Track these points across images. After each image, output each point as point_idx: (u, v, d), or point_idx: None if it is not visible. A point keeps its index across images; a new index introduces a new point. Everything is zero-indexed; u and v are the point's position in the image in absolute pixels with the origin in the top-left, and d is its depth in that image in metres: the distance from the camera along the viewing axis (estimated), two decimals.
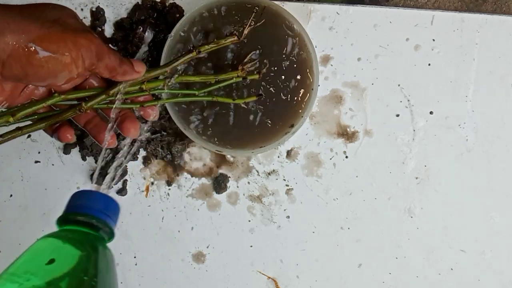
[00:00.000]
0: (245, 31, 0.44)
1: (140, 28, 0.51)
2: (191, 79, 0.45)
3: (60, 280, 0.31)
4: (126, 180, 0.54)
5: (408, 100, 0.54)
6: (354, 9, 0.53)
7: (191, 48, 0.44)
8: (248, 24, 0.44)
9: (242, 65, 0.46)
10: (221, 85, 0.46)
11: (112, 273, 0.35)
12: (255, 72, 0.47)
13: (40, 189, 0.55)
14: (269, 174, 0.54)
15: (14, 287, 0.30)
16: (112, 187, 0.44)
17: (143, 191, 0.54)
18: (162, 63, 0.48)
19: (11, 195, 0.55)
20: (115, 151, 0.53)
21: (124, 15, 0.53)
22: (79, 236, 0.35)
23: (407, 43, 0.53)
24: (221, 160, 0.54)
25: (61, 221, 0.37)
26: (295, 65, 0.48)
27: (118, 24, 0.53)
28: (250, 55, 0.47)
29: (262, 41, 0.48)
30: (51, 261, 0.32)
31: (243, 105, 0.48)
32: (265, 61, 0.48)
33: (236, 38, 0.44)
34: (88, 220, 0.37)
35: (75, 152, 0.54)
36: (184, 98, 0.46)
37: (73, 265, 0.33)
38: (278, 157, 0.54)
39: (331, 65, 0.54)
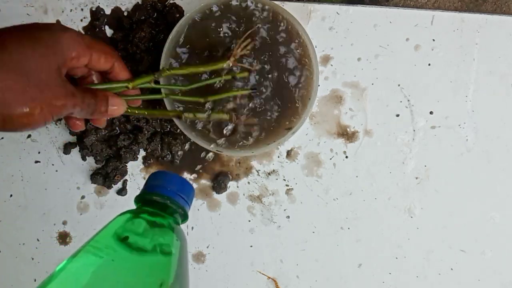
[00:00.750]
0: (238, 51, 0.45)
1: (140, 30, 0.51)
2: (179, 72, 0.45)
3: (137, 255, 0.34)
4: (126, 180, 0.54)
5: (408, 100, 0.54)
6: (354, 9, 0.53)
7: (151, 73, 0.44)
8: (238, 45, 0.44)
9: (233, 54, 0.45)
10: (212, 81, 0.46)
11: (184, 253, 0.37)
12: (247, 68, 0.46)
13: (40, 189, 0.55)
14: (269, 174, 0.54)
15: (97, 260, 0.32)
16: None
17: None
18: (161, 63, 0.48)
19: (11, 195, 0.55)
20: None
21: (124, 15, 0.53)
22: (153, 214, 0.37)
23: (407, 43, 0.53)
24: (221, 160, 0.54)
25: (138, 199, 0.39)
26: (295, 65, 0.48)
27: (118, 24, 0.53)
28: (241, 42, 0.45)
29: (262, 41, 0.48)
30: (125, 238, 0.34)
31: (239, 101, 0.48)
32: (263, 57, 0.48)
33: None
34: (162, 201, 0.38)
35: (75, 152, 0.54)
36: (173, 96, 0.47)
37: (148, 242, 0.35)
38: (278, 157, 0.54)
39: (331, 65, 0.54)
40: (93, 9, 0.53)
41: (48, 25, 0.39)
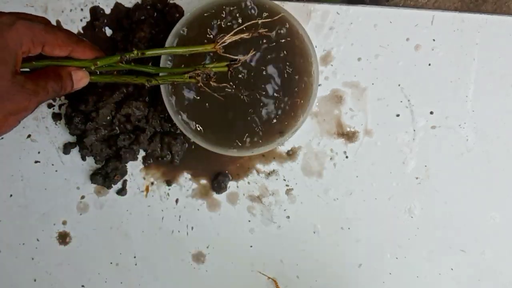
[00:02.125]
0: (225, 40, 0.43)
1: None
2: (152, 53, 0.44)
3: None
4: (126, 180, 0.54)
5: (408, 100, 0.54)
6: (354, 9, 0.53)
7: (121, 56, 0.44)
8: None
9: (219, 40, 0.43)
10: (181, 70, 0.45)
11: None
12: (228, 58, 0.45)
13: (40, 189, 0.55)
14: (269, 174, 0.54)
15: None
16: None
17: (142, 191, 0.54)
18: (161, 62, 0.48)
19: (11, 195, 0.55)
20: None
21: (124, 15, 0.53)
22: None
23: (407, 43, 0.53)
24: (221, 160, 0.54)
25: None
26: (295, 65, 0.48)
27: (118, 24, 0.53)
28: (234, 32, 0.44)
29: (262, 41, 0.48)
30: None
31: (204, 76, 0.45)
32: (261, 57, 0.47)
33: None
34: None
35: (75, 152, 0.54)
36: (123, 78, 0.45)
37: None
38: (278, 157, 0.54)
39: (331, 65, 0.53)
40: (93, 9, 0.53)
41: None
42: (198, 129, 0.49)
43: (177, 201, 0.55)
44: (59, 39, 0.40)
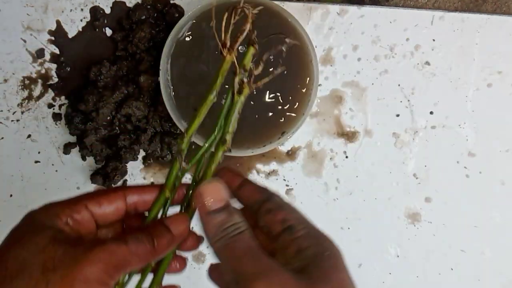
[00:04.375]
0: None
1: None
2: (196, 123, 0.39)
3: None
4: (126, 180, 0.54)
5: (408, 100, 0.54)
6: (354, 9, 0.53)
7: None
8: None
9: (230, 49, 0.38)
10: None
11: None
12: (252, 45, 0.39)
13: (40, 189, 0.55)
14: (269, 174, 0.54)
15: None
16: None
17: None
18: (161, 63, 0.48)
19: (11, 195, 0.55)
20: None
21: (124, 15, 0.53)
22: None
23: (407, 43, 0.53)
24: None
25: None
26: (295, 65, 0.48)
27: (118, 24, 0.53)
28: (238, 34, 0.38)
29: (262, 41, 0.48)
30: None
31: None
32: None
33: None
34: None
35: (75, 152, 0.54)
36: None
37: None
38: (278, 157, 0.54)
39: (331, 65, 0.54)
40: (93, 9, 0.53)
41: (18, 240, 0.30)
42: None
43: None
44: (102, 191, 0.34)
